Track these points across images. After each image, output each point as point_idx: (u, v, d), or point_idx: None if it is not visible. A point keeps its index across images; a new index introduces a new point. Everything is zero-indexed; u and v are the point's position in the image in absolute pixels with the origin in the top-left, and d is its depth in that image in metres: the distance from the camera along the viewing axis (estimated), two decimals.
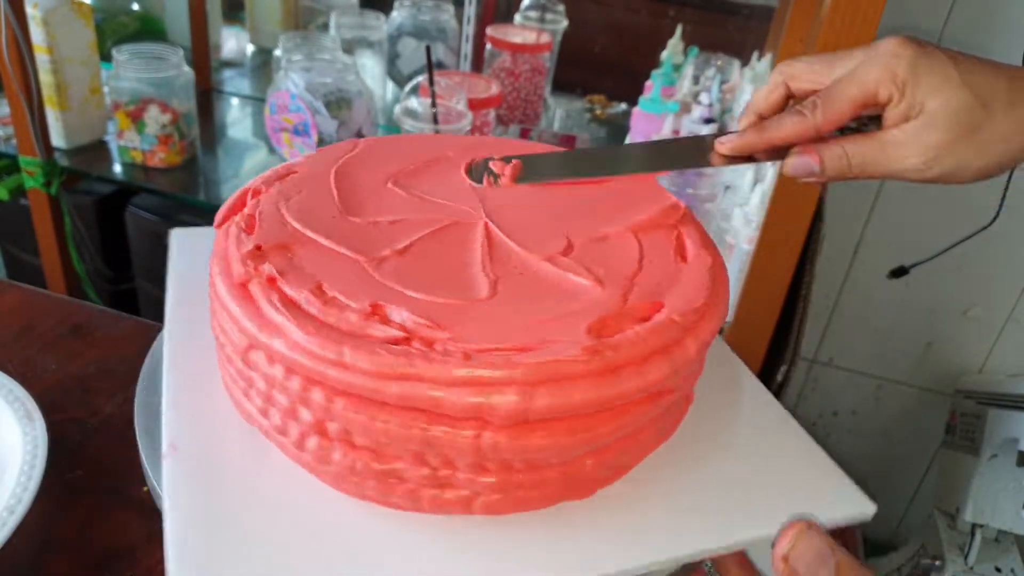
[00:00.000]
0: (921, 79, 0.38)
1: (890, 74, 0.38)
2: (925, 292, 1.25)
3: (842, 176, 0.40)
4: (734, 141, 0.42)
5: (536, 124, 1.31)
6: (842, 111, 0.39)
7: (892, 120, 0.39)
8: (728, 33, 1.39)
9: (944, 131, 0.38)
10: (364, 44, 1.31)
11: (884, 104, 0.39)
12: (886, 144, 0.39)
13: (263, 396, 0.34)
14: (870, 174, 0.40)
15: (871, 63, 0.39)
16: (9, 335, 0.68)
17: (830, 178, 0.41)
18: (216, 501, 0.32)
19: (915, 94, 0.38)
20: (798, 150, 0.41)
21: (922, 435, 1.35)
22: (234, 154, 1.26)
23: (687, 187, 0.93)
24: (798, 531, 0.28)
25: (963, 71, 0.38)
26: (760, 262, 0.81)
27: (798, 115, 0.40)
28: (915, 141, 0.38)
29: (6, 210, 1.24)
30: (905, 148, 0.39)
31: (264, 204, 0.39)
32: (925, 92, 0.38)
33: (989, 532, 1.09)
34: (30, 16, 1.04)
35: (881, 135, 0.39)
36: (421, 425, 0.31)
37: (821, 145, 0.40)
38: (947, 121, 0.38)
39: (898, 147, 0.39)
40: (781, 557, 0.28)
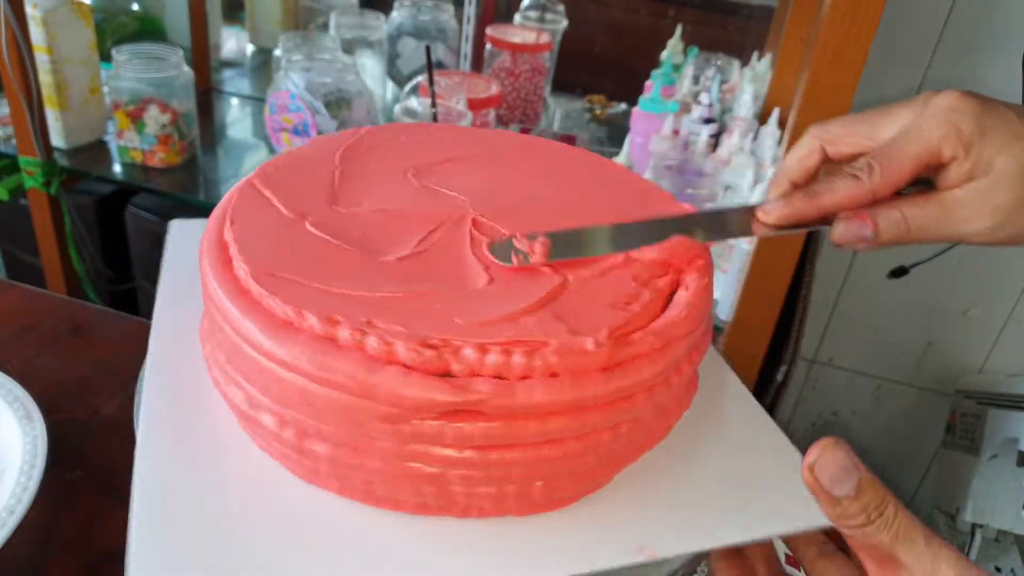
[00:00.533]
0: (988, 136, 0.35)
1: (955, 131, 0.35)
2: (925, 292, 1.25)
3: (898, 241, 0.37)
4: (781, 210, 0.38)
5: (536, 124, 1.31)
6: (902, 173, 0.36)
7: (953, 180, 0.36)
8: (728, 33, 1.39)
9: (1014, 191, 0.35)
10: (364, 44, 1.31)
11: (947, 164, 0.36)
12: (950, 207, 0.36)
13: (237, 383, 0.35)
14: (931, 238, 0.37)
15: (930, 119, 0.36)
16: (9, 335, 0.68)
17: (884, 244, 0.37)
18: (184, 486, 0.33)
19: (982, 152, 0.35)
20: (848, 215, 0.37)
21: (922, 435, 1.35)
22: (234, 154, 1.26)
23: (687, 187, 0.93)
24: (824, 445, 0.29)
25: None
26: (760, 262, 0.81)
27: (852, 179, 0.36)
28: (983, 202, 0.36)
29: (6, 210, 1.24)
30: (971, 210, 0.36)
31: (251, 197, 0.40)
32: (993, 150, 0.35)
33: (989, 532, 1.09)
34: (30, 16, 1.04)
35: (942, 196, 0.36)
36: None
37: (877, 210, 0.37)
38: (1017, 180, 0.35)
39: (964, 209, 0.36)
40: (808, 467, 0.29)
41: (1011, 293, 1.22)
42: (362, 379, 0.30)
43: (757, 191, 0.90)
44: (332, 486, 0.34)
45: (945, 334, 1.28)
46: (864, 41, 0.68)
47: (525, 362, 0.30)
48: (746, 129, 1.02)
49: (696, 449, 0.38)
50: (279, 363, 0.32)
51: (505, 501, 0.33)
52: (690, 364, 0.37)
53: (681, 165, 0.94)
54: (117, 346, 0.68)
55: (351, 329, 0.31)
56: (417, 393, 0.30)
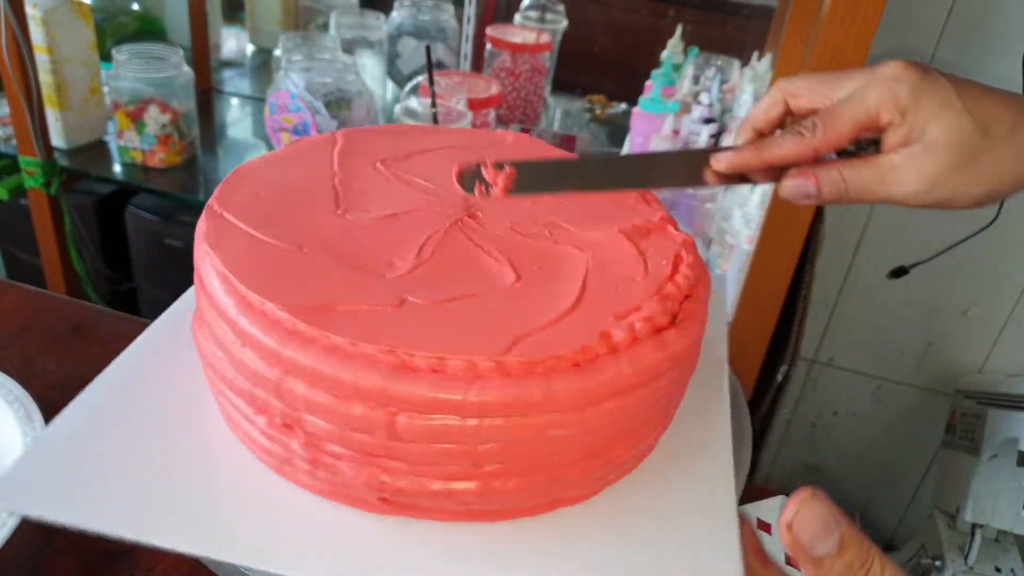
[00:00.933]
0: (923, 104, 0.37)
1: (892, 97, 0.38)
2: (925, 292, 1.25)
3: (839, 200, 0.40)
4: (731, 159, 0.41)
5: (536, 124, 1.31)
6: (842, 133, 0.39)
7: (891, 144, 0.39)
8: (728, 33, 1.39)
9: (944, 157, 0.37)
10: (364, 44, 1.31)
11: (884, 128, 0.38)
12: (884, 169, 0.39)
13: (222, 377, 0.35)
14: (867, 198, 0.40)
15: (873, 85, 0.38)
16: (9, 335, 0.68)
17: (826, 201, 0.40)
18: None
19: (916, 119, 0.37)
20: (795, 172, 0.40)
21: (922, 435, 1.35)
22: (234, 154, 1.26)
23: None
24: (802, 499, 0.28)
25: (965, 98, 0.37)
26: (760, 262, 0.81)
27: (797, 136, 0.39)
28: (914, 167, 0.38)
29: (6, 210, 1.24)
30: (904, 173, 0.38)
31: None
32: (926, 117, 0.37)
33: (989, 532, 1.09)
34: (30, 16, 1.04)
35: (879, 159, 0.39)
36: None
37: (819, 168, 0.40)
38: (947, 147, 0.37)
39: (896, 172, 0.38)
40: (786, 525, 0.28)
41: (1011, 293, 1.22)
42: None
43: (757, 191, 0.90)
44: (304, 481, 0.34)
45: (945, 334, 1.28)
46: (864, 41, 0.68)
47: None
48: None
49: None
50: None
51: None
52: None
53: None
54: (117, 346, 0.68)
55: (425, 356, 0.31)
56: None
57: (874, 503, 1.47)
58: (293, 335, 0.31)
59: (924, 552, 1.16)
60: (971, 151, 0.37)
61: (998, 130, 0.37)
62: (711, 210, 0.94)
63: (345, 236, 0.38)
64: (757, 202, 0.88)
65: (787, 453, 1.47)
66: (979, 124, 0.37)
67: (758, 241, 0.80)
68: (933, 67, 0.38)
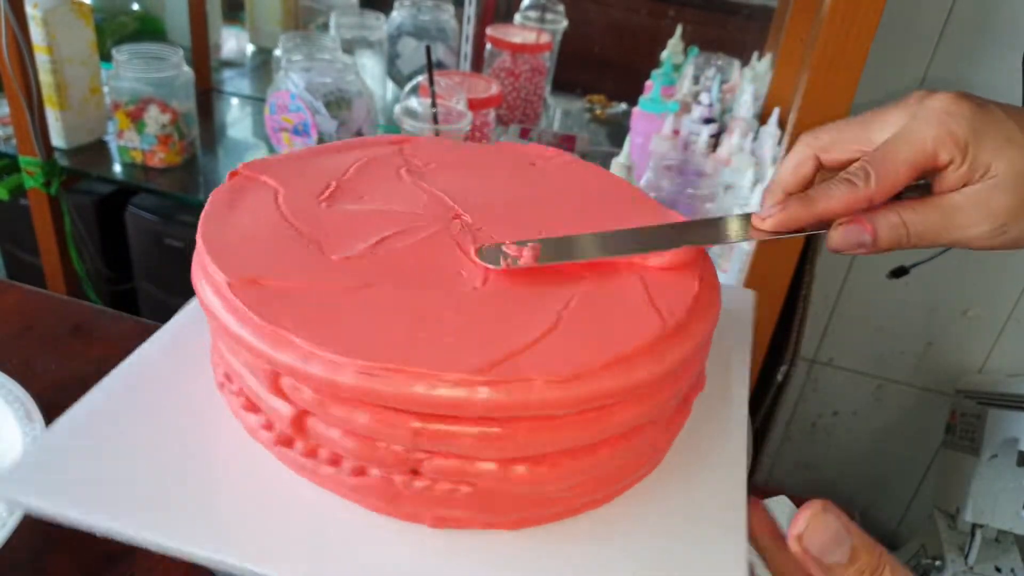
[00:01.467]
0: (984, 139, 0.35)
1: (949, 134, 0.35)
2: (925, 292, 1.25)
3: (898, 246, 0.37)
4: (777, 217, 0.37)
5: (536, 124, 1.31)
6: (898, 177, 0.35)
7: (950, 184, 0.36)
8: (728, 33, 1.39)
9: (1013, 193, 0.35)
10: (364, 44, 1.31)
11: (943, 168, 0.36)
12: (948, 211, 0.36)
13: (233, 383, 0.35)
14: (930, 243, 0.37)
15: (923, 122, 0.35)
16: (9, 335, 0.68)
17: (882, 250, 0.37)
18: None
19: (979, 156, 0.35)
20: (846, 220, 0.37)
21: (922, 435, 1.35)
22: (234, 154, 1.26)
23: (687, 187, 0.93)
24: (812, 512, 0.28)
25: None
26: (760, 262, 0.81)
27: (848, 184, 0.36)
28: (982, 206, 0.35)
29: (6, 210, 1.24)
30: (971, 214, 0.35)
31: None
32: (990, 153, 0.35)
33: (989, 532, 1.09)
34: (30, 16, 1.04)
35: (941, 201, 0.36)
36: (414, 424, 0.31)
37: (874, 214, 0.36)
38: (1016, 182, 0.35)
39: (963, 213, 0.36)
40: (795, 537, 0.28)
41: (1011, 293, 1.22)
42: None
43: (757, 191, 0.90)
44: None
45: (945, 334, 1.28)
46: (864, 41, 0.68)
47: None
48: (746, 129, 1.02)
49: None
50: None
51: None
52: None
53: (681, 165, 0.94)
54: (117, 346, 0.68)
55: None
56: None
57: (874, 503, 1.47)
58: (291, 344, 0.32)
59: (924, 552, 1.16)
60: None
61: None
62: (711, 210, 0.94)
63: (326, 220, 0.39)
64: (757, 202, 0.89)
65: (787, 453, 1.47)
66: None
67: (758, 242, 0.80)
68: (983, 97, 0.36)
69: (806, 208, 0.37)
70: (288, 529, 0.32)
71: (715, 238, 0.39)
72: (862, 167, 0.36)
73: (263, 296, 0.33)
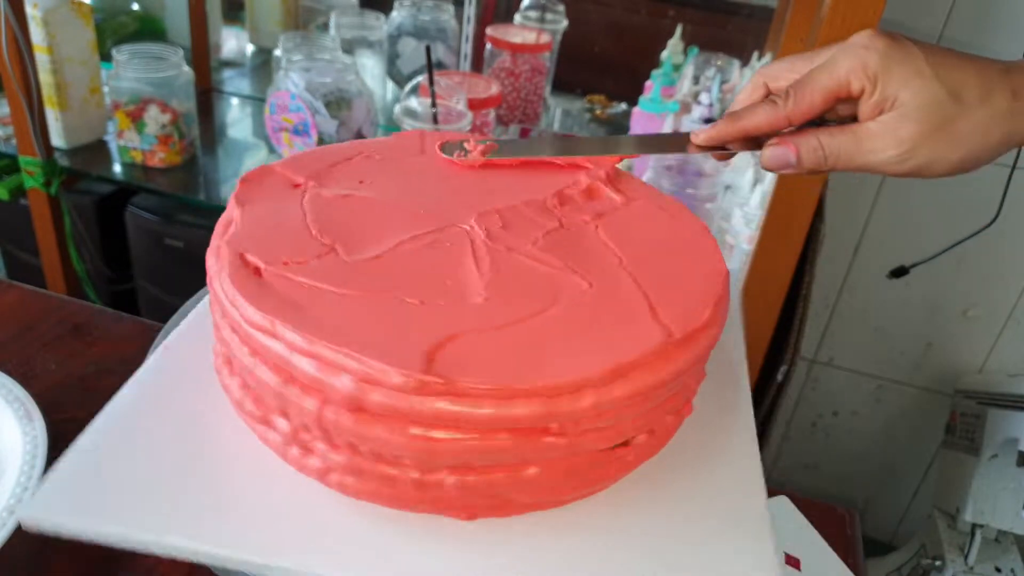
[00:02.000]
0: (893, 71, 0.38)
1: (861, 65, 0.38)
2: (925, 292, 1.25)
3: (819, 168, 0.40)
4: (708, 132, 0.42)
5: (536, 124, 1.31)
6: (813, 101, 0.39)
7: (866, 113, 0.39)
8: (728, 33, 1.39)
9: (918, 123, 0.38)
10: (364, 44, 1.31)
11: (857, 96, 0.39)
12: (861, 136, 0.39)
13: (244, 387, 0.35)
14: (846, 166, 0.40)
15: (843, 54, 0.39)
16: (9, 335, 0.68)
17: (806, 170, 0.41)
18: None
19: (887, 86, 0.38)
20: (775, 141, 0.41)
21: (922, 435, 1.35)
22: (234, 154, 1.26)
23: (687, 187, 0.93)
24: None
25: (935, 64, 0.38)
26: (760, 262, 0.81)
27: (770, 104, 0.40)
28: (890, 133, 0.38)
29: (6, 210, 1.24)
30: (880, 140, 0.38)
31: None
32: (898, 84, 0.38)
33: (989, 532, 1.09)
34: (30, 16, 1.04)
35: (856, 127, 0.39)
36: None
37: (798, 136, 0.40)
38: (920, 113, 0.37)
39: (873, 139, 0.39)
40: None
41: (1011, 293, 1.22)
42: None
43: (757, 191, 0.90)
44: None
45: (945, 334, 1.28)
46: None
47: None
48: None
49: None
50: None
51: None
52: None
53: (681, 165, 0.94)
54: (117, 346, 0.68)
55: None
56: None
57: (874, 503, 1.47)
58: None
59: (924, 552, 1.16)
60: (944, 118, 0.37)
61: (970, 96, 0.37)
62: (711, 210, 0.94)
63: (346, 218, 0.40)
64: (757, 202, 0.89)
65: (787, 452, 1.47)
66: (951, 90, 0.37)
67: (758, 241, 0.80)
68: (902, 34, 0.39)
69: (733, 124, 0.42)
70: (305, 525, 0.33)
71: (659, 148, 0.46)
72: (785, 91, 0.40)
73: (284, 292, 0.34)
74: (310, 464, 0.34)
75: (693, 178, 0.93)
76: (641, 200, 0.45)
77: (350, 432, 0.31)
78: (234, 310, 0.33)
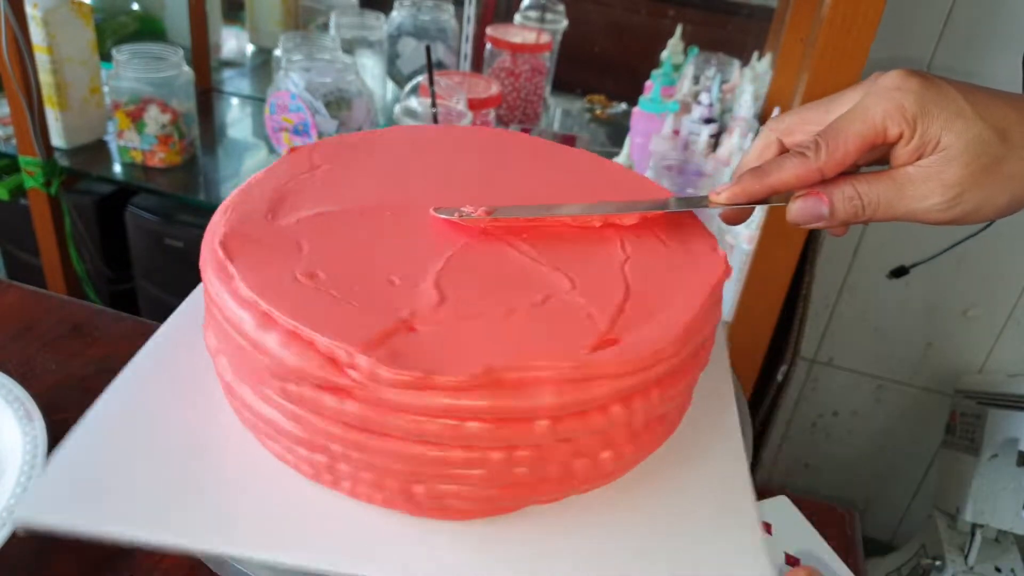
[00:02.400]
0: (932, 112, 0.35)
1: (897, 108, 0.35)
2: (925, 292, 1.25)
3: (854, 219, 0.37)
4: (731, 189, 0.39)
5: (536, 124, 1.31)
6: (847, 150, 0.36)
7: (903, 158, 0.36)
8: (728, 33, 1.39)
9: (964, 166, 0.35)
10: (364, 44, 1.31)
11: (893, 141, 0.36)
12: (902, 182, 0.36)
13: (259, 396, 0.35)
14: (885, 215, 0.37)
15: (874, 97, 0.36)
16: (9, 335, 0.68)
17: (841, 222, 0.38)
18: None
19: (928, 129, 0.35)
20: (803, 193, 0.38)
21: (922, 435, 1.35)
22: (234, 154, 1.26)
23: (687, 187, 0.93)
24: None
25: (973, 103, 0.35)
26: (760, 262, 0.81)
27: (800, 156, 0.37)
28: (934, 178, 0.35)
29: (6, 210, 1.24)
30: (923, 186, 0.36)
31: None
32: (939, 126, 0.35)
33: (989, 532, 1.09)
34: (30, 16, 1.04)
35: (894, 173, 0.36)
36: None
37: (830, 186, 0.37)
38: (967, 155, 0.35)
39: (915, 185, 0.36)
40: None
41: (1011, 293, 1.22)
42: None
43: None
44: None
45: (945, 334, 1.28)
46: (864, 41, 0.68)
47: None
48: (746, 129, 1.02)
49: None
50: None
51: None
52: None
53: (681, 165, 0.94)
54: (117, 346, 0.68)
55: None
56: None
57: (874, 503, 1.47)
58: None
59: (924, 552, 1.16)
60: (992, 159, 0.35)
61: (1016, 135, 0.35)
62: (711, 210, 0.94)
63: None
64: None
65: (787, 453, 1.47)
66: (996, 130, 0.35)
67: (758, 241, 0.80)
68: (935, 74, 0.37)
69: (759, 180, 0.38)
70: (302, 521, 0.33)
71: (676, 208, 0.42)
72: (814, 140, 0.37)
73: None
74: (291, 457, 0.34)
75: (693, 178, 0.93)
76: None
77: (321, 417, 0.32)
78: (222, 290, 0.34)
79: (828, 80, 0.70)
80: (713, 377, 0.42)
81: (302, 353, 0.31)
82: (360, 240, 0.38)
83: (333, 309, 0.33)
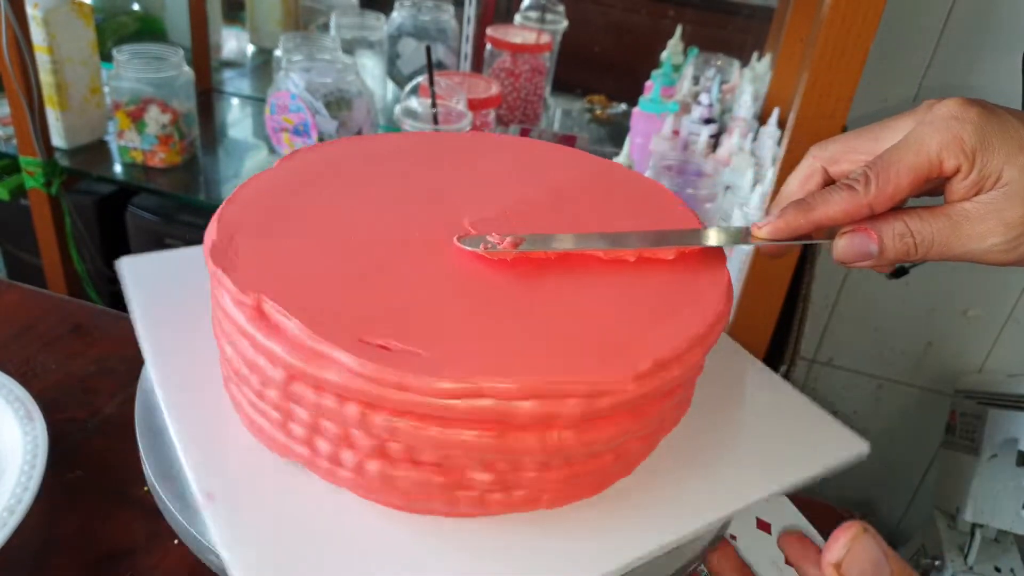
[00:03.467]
0: (993, 145, 0.32)
1: (955, 139, 0.32)
2: (925, 292, 1.25)
3: (906, 258, 0.35)
4: (774, 223, 0.35)
5: (536, 124, 1.31)
6: (900, 184, 0.33)
7: (960, 193, 0.33)
8: (728, 33, 1.39)
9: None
10: (364, 44, 1.31)
11: (950, 175, 0.33)
12: (957, 220, 0.33)
13: (308, 426, 0.33)
14: (939, 255, 0.34)
15: (929, 127, 0.33)
16: (9, 335, 0.68)
17: (890, 261, 0.35)
18: (273, 544, 0.31)
19: (988, 163, 0.32)
20: (851, 229, 0.35)
21: (922, 435, 1.35)
22: (234, 154, 1.26)
23: (687, 187, 0.93)
24: (852, 536, 0.26)
25: None
26: (760, 262, 0.81)
27: (848, 190, 0.34)
28: (994, 216, 0.33)
29: (6, 210, 1.24)
30: (982, 224, 0.33)
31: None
32: (1000, 160, 0.32)
33: (989, 532, 1.09)
34: (30, 16, 1.04)
35: (950, 209, 0.34)
36: (491, 435, 0.31)
37: (879, 222, 0.34)
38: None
39: (973, 223, 0.33)
40: (832, 564, 0.26)
41: (1011, 293, 1.22)
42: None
43: (757, 191, 0.90)
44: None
45: (945, 334, 1.28)
46: (864, 41, 0.68)
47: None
48: (746, 129, 1.02)
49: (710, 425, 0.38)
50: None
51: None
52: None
53: (681, 165, 0.94)
54: (117, 346, 0.68)
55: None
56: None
57: (874, 503, 1.47)
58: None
59: (924, 552, 1.16)
60: None
61: None
62: (711, 210, 0.94)
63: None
64: (757, 202, 0.89)
65: None
66: None
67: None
68: (994, 103, 0.34)
69: (803, 214, 0.35)
70: (312, 526, 0.33)
71: (716, 242, 0.38)
72: (863, 172, 0.34)
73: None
74: (296, 450, 0.34)
75: (693, 178, 0.93)
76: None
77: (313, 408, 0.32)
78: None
79: (828, 80, 0.70)
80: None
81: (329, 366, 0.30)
82: (360, 255, 0.37)
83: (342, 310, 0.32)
